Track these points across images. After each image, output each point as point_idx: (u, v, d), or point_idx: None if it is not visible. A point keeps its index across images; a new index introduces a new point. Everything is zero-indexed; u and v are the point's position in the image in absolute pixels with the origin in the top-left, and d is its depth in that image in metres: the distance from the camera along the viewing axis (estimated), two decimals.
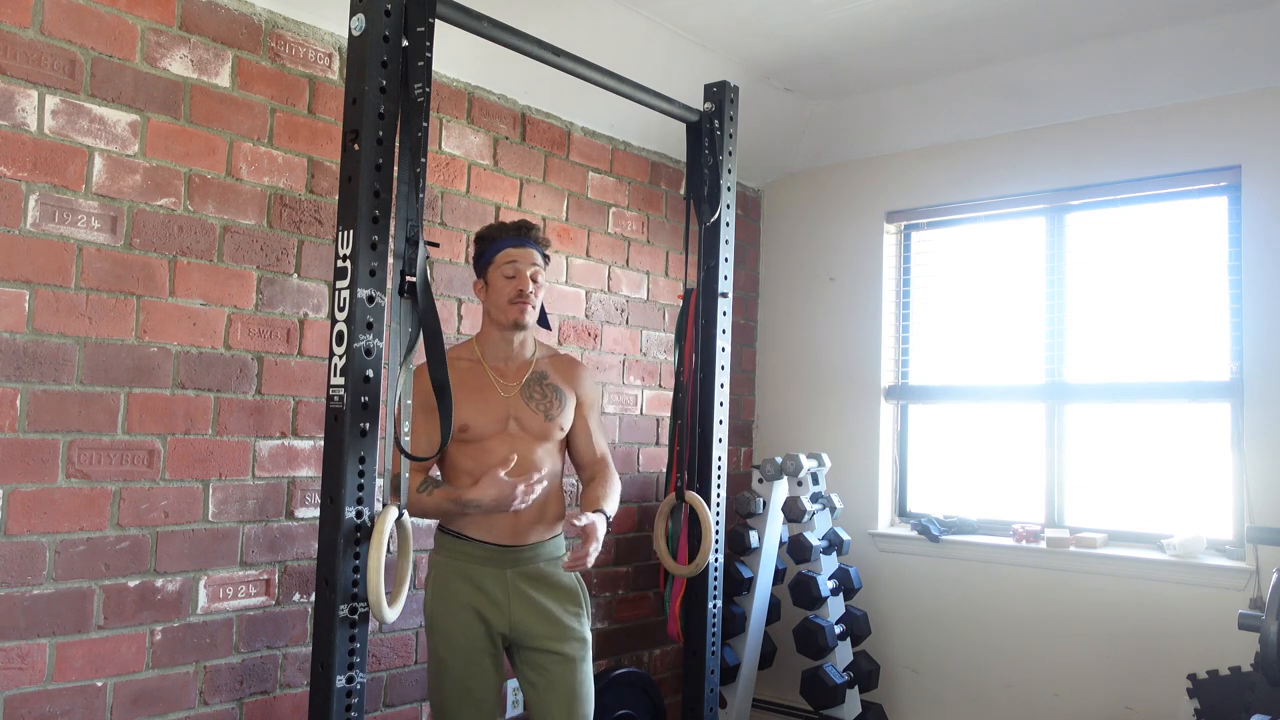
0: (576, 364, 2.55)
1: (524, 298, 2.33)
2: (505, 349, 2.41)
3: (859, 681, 3.62)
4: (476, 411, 2.31)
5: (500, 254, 2.36)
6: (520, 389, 2.38)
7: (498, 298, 2.36)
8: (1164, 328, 3.46)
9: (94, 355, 2.23)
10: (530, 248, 2.38)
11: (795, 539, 3.59)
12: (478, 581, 2.31)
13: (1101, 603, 3.36)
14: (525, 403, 2.37)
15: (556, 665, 2.33)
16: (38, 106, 2.15)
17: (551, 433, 2.40)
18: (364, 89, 2.04)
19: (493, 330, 2.41)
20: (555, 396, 2.42)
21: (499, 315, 2.37)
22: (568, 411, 2.44)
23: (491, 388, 2.36)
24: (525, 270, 2.35)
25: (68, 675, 2.17)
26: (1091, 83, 3.42)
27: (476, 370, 2.38)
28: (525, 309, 2.34)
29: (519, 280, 2.34)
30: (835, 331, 4.18)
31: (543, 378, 2.43)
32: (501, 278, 2.35)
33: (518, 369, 2.41)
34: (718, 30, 3.28)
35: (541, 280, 2.40)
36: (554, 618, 2.35)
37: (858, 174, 4.18)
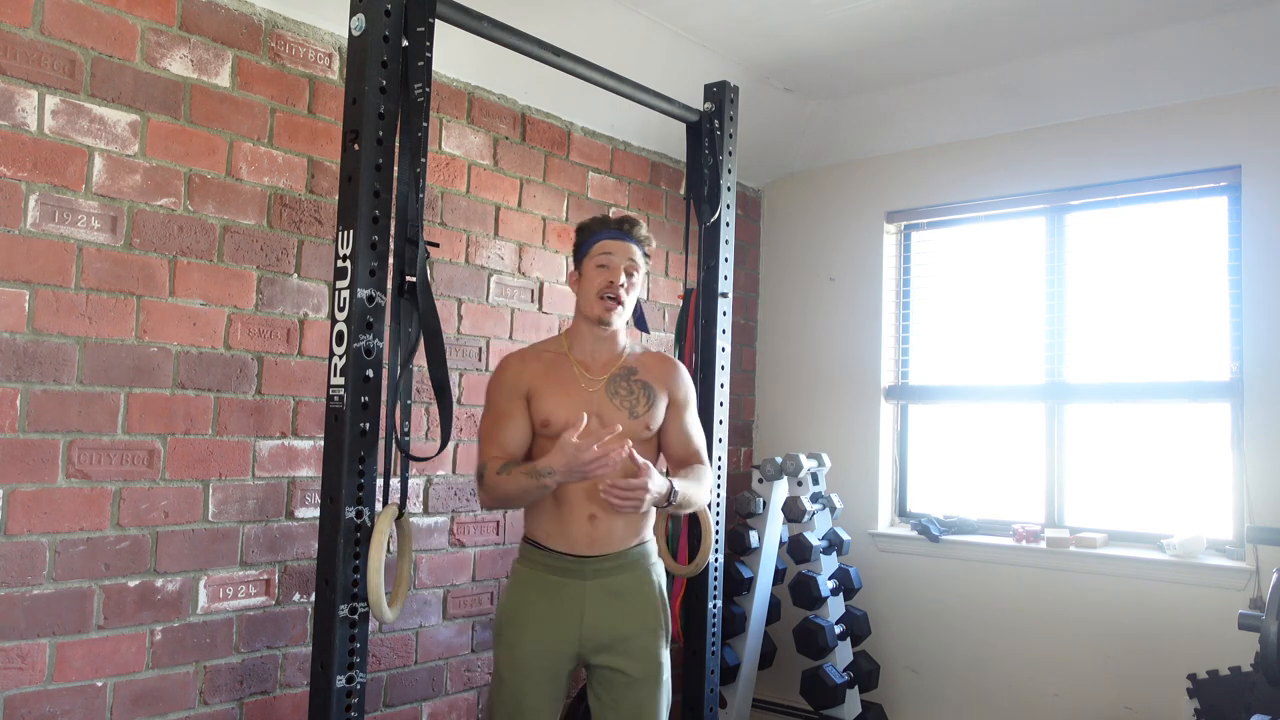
0: (671, 362, 2.42)
1: (613, 289, 2.22)
2: (593, 343, 2.30)
3: (859, 681, 3.62)
4: (558, 405, 2.21)
5: (597, 245, 2.27)
6: (605, 384, 2.27)
7: (588, 288, 2.26)
8: (1164, 328, 3.46)
9: (94, 355, 2.23)
10: (629, 242, 2.28)
11: (795, 539, 3.59)
12: (553, 594, 2.20)
13: (1101, 603, 3.36)
14: (609, 398, 2.26)
15: (622, 686, 2.22)
16: (38, 106, 2.15)
17: (637, 431, 2.25)
18: (364, 89, 2.04)
19: (581, 324, 2.31)
20: (643, 393, 2.29)
21: (587, 307, 2.27)
22: (656, 410, 2.31)
23: (575, 381, 2.25)
24: (619, 263, 2.25)
25: (68, 675, 2.17)
26: (1091, 83, 3.42)
27: (561, 363, 2.28)
28: (614, 307, 2.24)
29: (610, 271, 2.24)
30: (835, 331, 4.18)
31: (631, 373, 2.31)
32: (594, 267, 2.26)
33: (605, 363, 2.30)
34: (718, 30, 3.28)
35: (637, 278, 2.29)
36: (629, 636, 2.22)
37: (858, 174, 4.18)
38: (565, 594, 2.20)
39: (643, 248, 2.31)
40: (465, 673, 3.07)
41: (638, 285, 2.31)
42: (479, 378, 3.12)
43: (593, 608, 2.20)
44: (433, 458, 2.33)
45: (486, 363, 3.14)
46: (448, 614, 3.01)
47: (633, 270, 2.28)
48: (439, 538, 2.99)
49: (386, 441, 2.16)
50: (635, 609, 2.25)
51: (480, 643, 3.11)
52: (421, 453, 2.74)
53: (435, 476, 2.98)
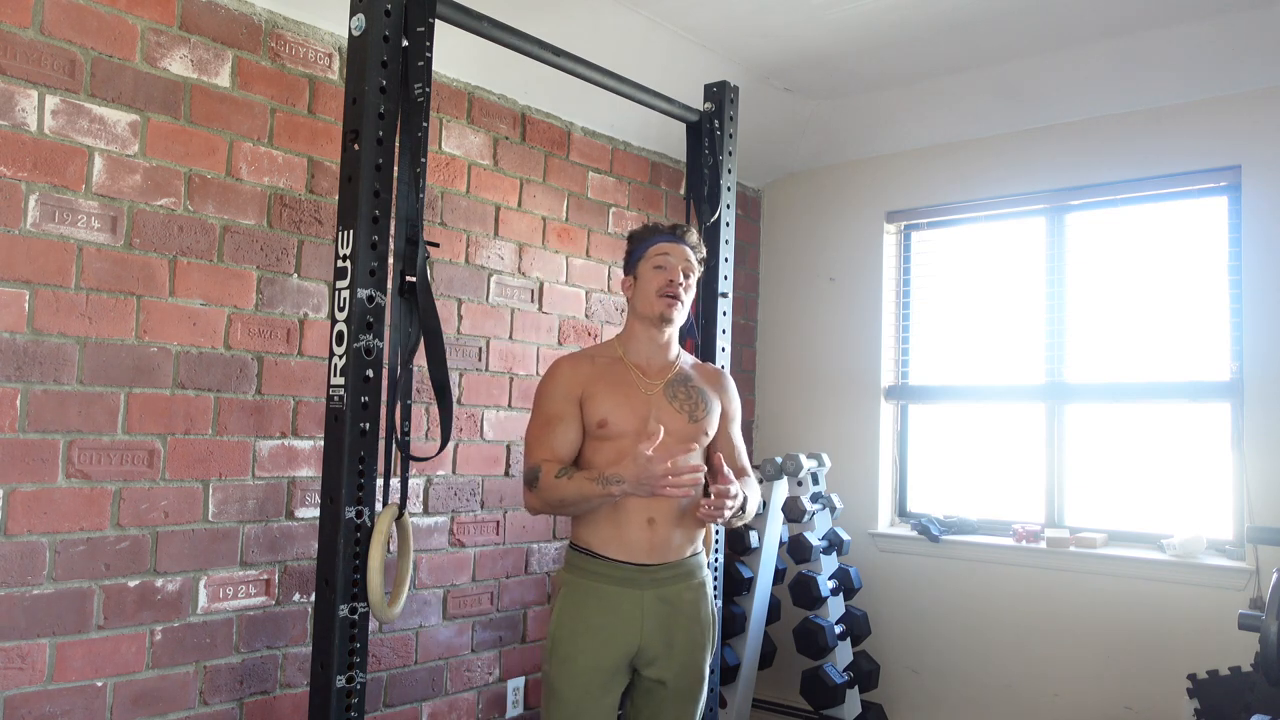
0: (723, 373, 2.42)
1: (673, 288, 2.21)
2: (649, 346, 2.27)
3: (859, 681, 3.62)
4: (616, 406, 2.17)
5: (653, 247, 2.26)
6: (664, 387, 2.24)
7: (646, 288, 2.24)
8: (1164, 328, 3.46)
9: (94, 355, 2.23)
10: (683, 246, 2.28)
11: (795, 539, 3.59)
12: (613, 605, 2.13)
13: (1101, 603, 3.36)
14: (668, 401, 2.22)
15: (666, 699, 2.18)
16: (38, 106, 2.15)
17: (696, 436, 2.23)
18: (364, 89, 2.04)
19: (637, 326, 2.28)
20: (700, 399, 2.27)
21: (646, 308, 2.24)
22: (713, 417, 2.29)
23: (633, 384, 2.22)
24: (677, 264, 2.24)
25: (68, 675, 2.17)
26: (1091, 83, 3.42)
27: (618, 366, 2.25)
28: (674, 304, 2.22)
29: (669, 271, 2.23)
30: (835, 331, 4.18)
31: (687, 380, 2.29)
32: (651, 269, 2.24)
33: (661, 368, 2.28)
34: (718, 30, 3.28)
35: (693, 279, 2.28)
36: (679, 648, 2.17)
37: (858, 174, 4.18)
38: (625, 605, 2.13)
39: (696, 252, 2.31)
40: (465, 673, 3.07)
41: (692, 289, 2.30)
42: (479, 378, 3.12)
43: (651, 619, 2.14)
44: (433, 458, 2.33)
45: (486, 363, 3.14)
46: (448, 614, 3.01)
47: (689, 271, 2.27)
48: (439, 538, 2.99)
49: (386, 441, 2.16)
50: (688, 621, 2.20)
51: (480, 643, 3.11)
52: (421, 453, 2.74)
53: (435, 476, 2.98)
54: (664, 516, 2.15)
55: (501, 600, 3.19)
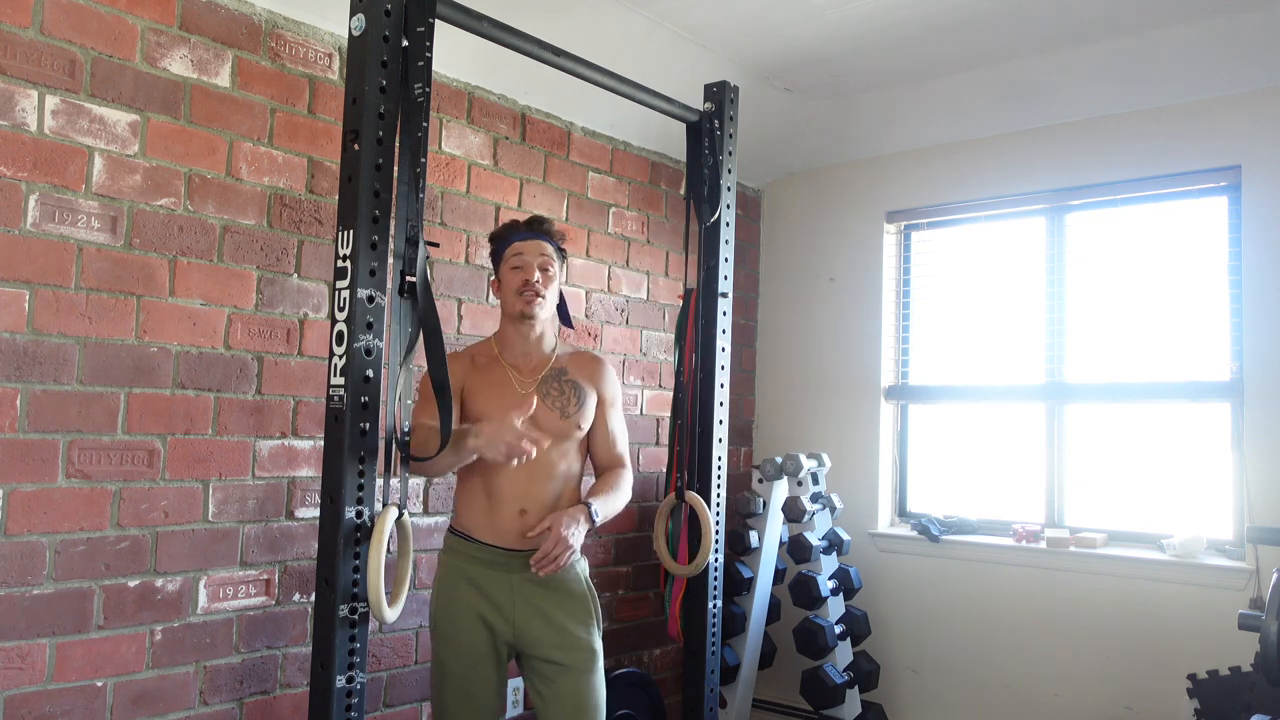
0: (599, 360, 2.50)
1: (529, 287, 2.31)
2: (522, 344, 2.38)
3: (859, 681, 3.62)
4: (491, 407, 2.28)
5: (509, 248, 2.36)
6: (537, 385, 2.34)
7: (507, 290, 2.35)
8: (1164, 328, 3.46)
9: (94, 355, 2.23)
10: (539, 240, 2.37)
11: (795, 539, 3.59)
12: (483, 586, 2.27)
13: (1101, 603, 3.36)
14: (541, 399, 2.32)
15: (561, 676, 2.28)
16: (38, 106, 2.15)
17: (569, 431, 2.34)
18: (364, 89, 2.04)
19: (508, 325, 2.39)
20: (574, 393, 2.37)
21: (508, 306, 2.35)
22: (586, 410, 2.39)
23: (508, 384, 2.33)
24: (532, 261, 2.33)
25: (68, 675, 2.17)
26: (1091, 83, 3.42)
27: (494, 366, 2.36)
28: (533, 300, 2.31)
29: (525, 270, 2.32)
30: (835, 331, 4.18)
31: (561, 374, 2.39)
32: (509, 269, 2.35)
33: (535, 365, 2.38)
34: (718, 30, 3.28)
35: (553, 271, 2.36)
36: (560, 626, 2.29)
37: (858, 174, 4.18)
38: (495, 586, 2.27)
39: (555, 243, 2.39)
40: None
41: (555, 279, 2.38)
42: None
43: (522, 600, 2.27)
44: (433, 458, 2.33)
45: None
46: None
47: (547, 265, 2.35)
48: (439, 538, 2.99)
49: (386, 441, 2.16)
50: (563, 599, 2.31)
51: None
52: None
53: None
54: (535, 507, 2.28)
55: None
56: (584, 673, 2.30)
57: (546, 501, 2.29)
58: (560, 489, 2.33)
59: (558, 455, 2.33)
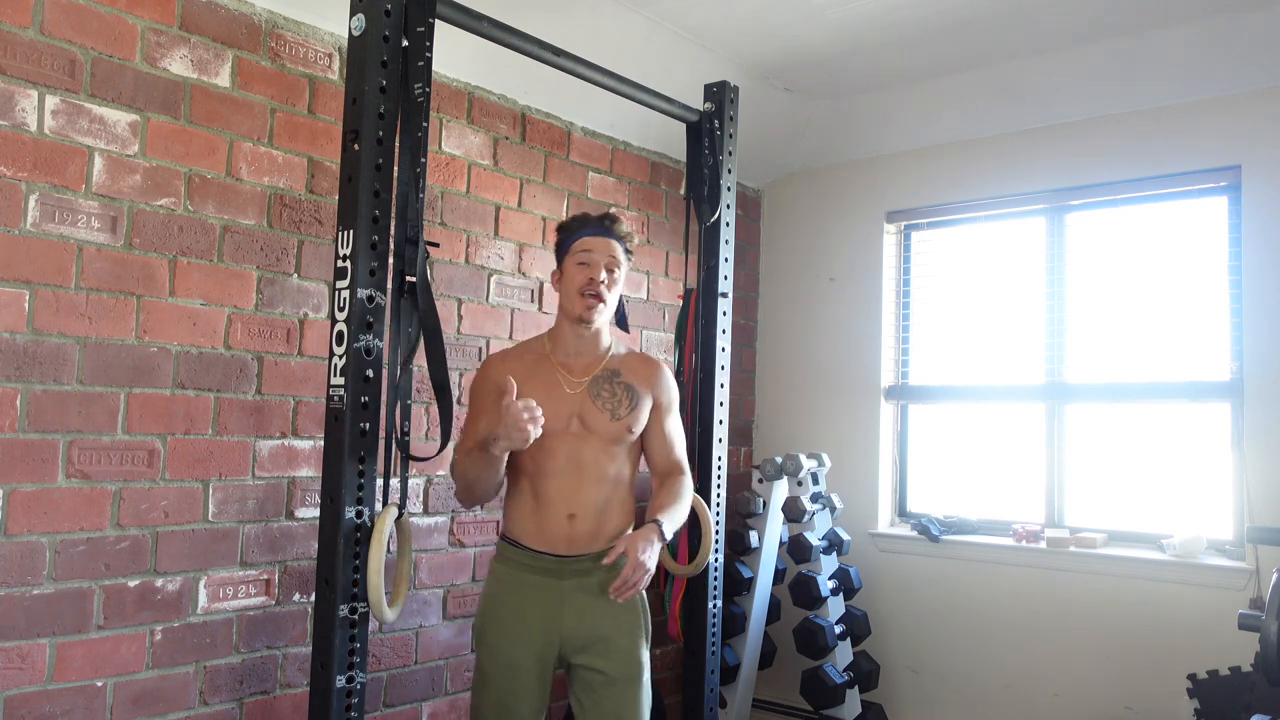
0: (655, 363, 2.39)
1: (593, 286, 2.20)
2: (575, 343, 2.28)
3: (859, 681, 3.62)
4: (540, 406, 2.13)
5: (578, 242, 2.25)
6: (588, 386, 2.24)
7: (569, 287, 2.24)
8: (1164, 328, 3.46)
9: (94, 355, 2.23)
10: (610, 239, 2.25)
11: (795, 539, 3.59)
12: (532, 593, 2.18)
13: (1101, 603, 3.36)
14: (592, 400, 2.23)
15: (605, 687, 2.19)
16: (38, 106, 2.15)
17: (620, 434, 2.24)
18: (364, 89, 2.04)
19: (563, 323, 2.28)
20: (626, 396, 2.26)
21: (569, 306, 2.25)
22: (640, 413, 2.28)
23: (557, 384, 2.23)
24: (600, 260, 2.22)
25: (68, 675, 2.17)
26: (1091, 83, 3.42)
27: (544, 364, 2.26)
28: (594, 305, 2.21)
29: (592, 268, 2.21)
30: (835, 331, 4.18)
31: (614, 376, 2.28)
32: (575, 265, 2.23)
33: (587, 365, 2.28)
34: (718, 30, 3.28)
35: (618, 274, 2.26)
36: (608, 636, 2.21)
37: (858, 174, 4.18)
38: (544, 594, 2.19)
39: (625, 244, 2.29)
40: (465, 673, 3.07)
41: (619, 282, 2.28)
42: None
43: (571, 608, 2.19)
44: (433, 458, 2.34)
45: None
46: (448, 614, 3.01)
47: (614, 267, 2.25)
48: (439, 538, 2.99)
49: (386, 441, 2.16)
50: (614, 609, 2.22)
51: None
52: (421, 453, 2.74)
53: (435, 476, 2.98)
54: (584, 512, 2.21)
55: None
56: (628, 685, 2.22)
57: (595, 506, 2.21)
58: (610, 493, 2.25)
59: (607, 459, 2.24)
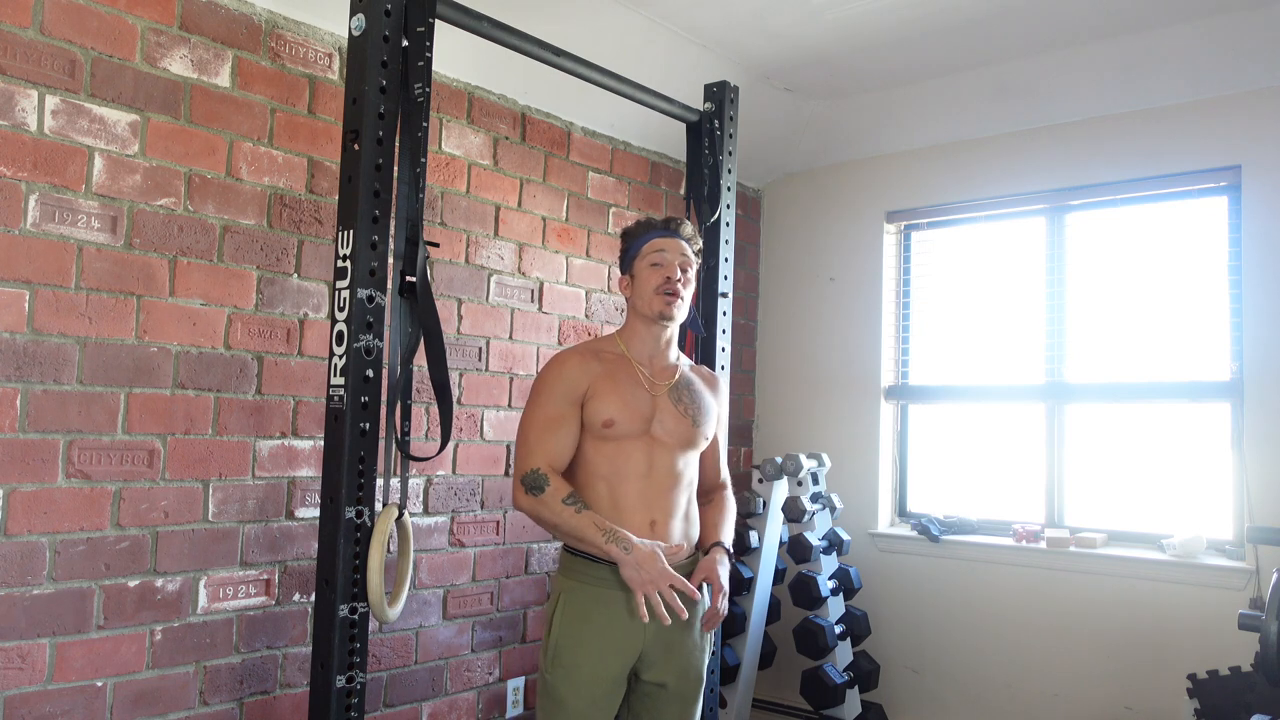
0: (717, 378, 2.42)
1: (671, 285, 2.17)
2: (652, 346, 2.23)
3: (859, 681, 3.62)
4: (623, 406, 2.13)
5: (648, 244, 2.22)
6: (669, 390, 2.21)
7: (644, 288, 2.20)
8: (1164, 328, 3.46)
9: (94, 355, 2.23)
10: (679, 239, 2.24)
11: (795, 539, 3.59)
12: (616, 610, 2.08)
13: (1101, 603, 3.36)
14: (673, 405, 2.20)
15: (667, 703, 2.16)
16: (38, 106, 2.15)
17: (696, 441, 2.23)
18: (364, 89, 2.04)
19: (639, 325, 2.24)
20: (702, 404, 2.25)
21: (645, 307, 2.20)
22: (712, 422, 2.28)
23: (639, 384, 2.18)
24: (674, 259, 2.20)
25: (68, 675, 2.17)
26: (1091, 83, 3.42)
27: (623, 364, 2.20)
28: (674, 301, 2.17)
29: (666, 269, 2.18)
30: (835, 331, 4.18)
31: (690, 383, 2.27)
32: (648, 266, 2.20)
33: (664, 369, 2.25)
34: (718, 30, 3.28)
35: (690, 274, 2.23)
36: (679, 651, 2.16)
37: (858, 174, 4.18)
38: (625, 609, 2.08)
39: (692, 244, 2.28)
40: (465, 673, 3.07)
41: (692, 282, 2.26)
42: (479, 378, 3.12)
43: (652, 622, 2.05)
44: (433, 458, 2.33)
45: (486, 363, 3.14)
46: (448, 614, 3.01)
47: (687, 266, 2.22)
48: (439, 538, 2.99)
49: (386, 441, 2.16)
50: (691, 624, 2.17)
51: (480, 643, 3.11)
52: (421, 453, 2.74)
53: (435, 476, 2.98)
54: (664, 517, 2.14)
55: (501, 600, 3.19)
56: (689, 701, 2.19)
57: (675, 512, 2.17)
58: (687, 498, 2.22)
59: (684, 464, 2.21)
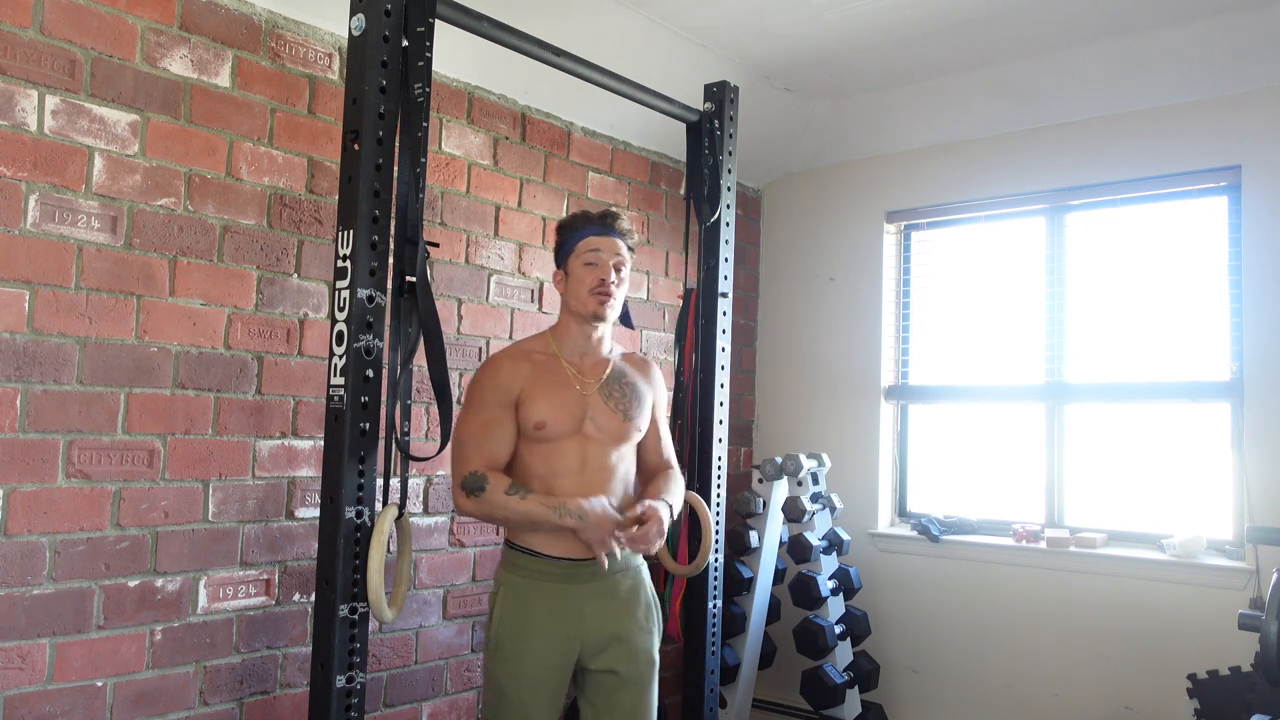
0: (650, 363, 2.44)
1: (605, 286, 2.20)
2: (583, 343, 2.28)
3: (859, 681, 3.62)
4: (554, 408, 2.18)
5: (582, 242, 2.24)
6: (599, 387, 2.25)
7: (578, 287, 2.23)
8: (1164, 328, 3.46)
9: (94, 355, 2.23)
10: (615, 237, 2.25)
11: (795, 539, 3.59)
12: (556, 602, 2.17)
13: (1101, 603, 3.36)
14: (604, 401, 2.24)
15: (620, 689, 2.21)
16: (38, 106, 2.15)
17: (629, 434, 2.27)
18: (364, 89, 2.04)
19: (571, 323, 2.28)
20: (634, 396, 2.29)
21: (578, 306, 2.23)
22: (645, 412, 2.32)
23: (569, 384, 2.23)
24: (608, 259, 2.22)
25: (68, 675, 2.17)
26: (1091, 83, 3.42)
27: (553, 364, 2.24)
28: (607, 300, 2.21)
29: (601, 269, 2.21)
30: (835, 331, 4.18)
31: (621, 376, 2.30)
32: (582, 265, 2.22)
33: (595, 365, 2.29)
34: (718, 30, 3.28)
35: (624, 273, 2.26)
36: (627, 638, 2.22)
37: (858, 174, 4.18)
38: (564, 602, 2.17)
39: (627, 241, 2.29)
40: (465, 673, 3.07)
41: (626, 280, 2.28)
42: None
43: (592, 612, 2.19)
44: (433, 458, 2.33)
45: None
46: (448, 614, 3.01)
47: (620, 265, 2.25)
48: (439, 538, 2.99)
49: (386, 441, 2.16)
50: (631, 609, 2.25)
51: (480, 643, 3.11)
52: (421, 453, 2.74)
53: (435, 476, 2.98)
54: None
55: None
56: (644, 686, 2.24)
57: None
58: (623, 489, 2.27)
59: (618, 459, 2.26)
